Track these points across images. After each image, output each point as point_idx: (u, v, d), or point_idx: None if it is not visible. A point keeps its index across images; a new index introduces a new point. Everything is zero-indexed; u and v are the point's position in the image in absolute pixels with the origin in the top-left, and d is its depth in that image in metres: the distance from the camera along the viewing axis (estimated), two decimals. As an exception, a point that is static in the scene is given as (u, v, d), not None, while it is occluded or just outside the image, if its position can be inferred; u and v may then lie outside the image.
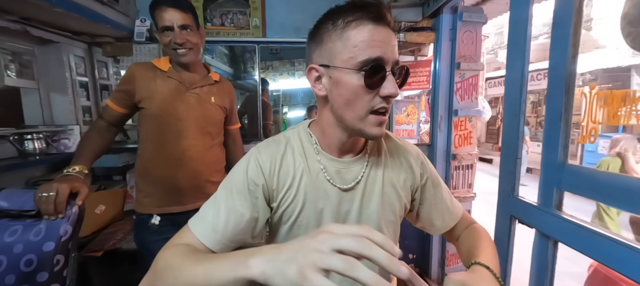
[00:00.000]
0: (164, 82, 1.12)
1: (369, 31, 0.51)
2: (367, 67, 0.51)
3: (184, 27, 1.07)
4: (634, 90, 0.84)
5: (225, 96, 1.27)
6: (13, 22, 1.51)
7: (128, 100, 1.12)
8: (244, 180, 0.60)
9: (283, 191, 0.61)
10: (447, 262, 1.95)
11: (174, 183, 1.13)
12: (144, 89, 1.11)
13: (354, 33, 0.51)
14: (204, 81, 1.20)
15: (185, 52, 1.10)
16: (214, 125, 1.22)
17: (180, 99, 1.13)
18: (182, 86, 1.14)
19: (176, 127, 1.12)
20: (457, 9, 1.77)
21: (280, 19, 2.16)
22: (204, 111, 1.17)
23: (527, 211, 1.03)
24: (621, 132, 4.92)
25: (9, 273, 0.80)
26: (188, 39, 1.09)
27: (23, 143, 1.66)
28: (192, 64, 1.16)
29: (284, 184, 0.61)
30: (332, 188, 0.62)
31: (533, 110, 7.89)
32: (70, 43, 1.91)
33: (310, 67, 0.57)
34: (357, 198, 0.63)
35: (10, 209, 0.87)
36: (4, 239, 0.82)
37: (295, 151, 0.63)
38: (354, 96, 0.53)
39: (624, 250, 0.71)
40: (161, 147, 1.12)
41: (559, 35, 0.89)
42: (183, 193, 1.15)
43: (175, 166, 1.12)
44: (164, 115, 1.11)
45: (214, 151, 1.24)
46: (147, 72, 1.12)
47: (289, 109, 3.95)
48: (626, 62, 5.53)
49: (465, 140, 1.89)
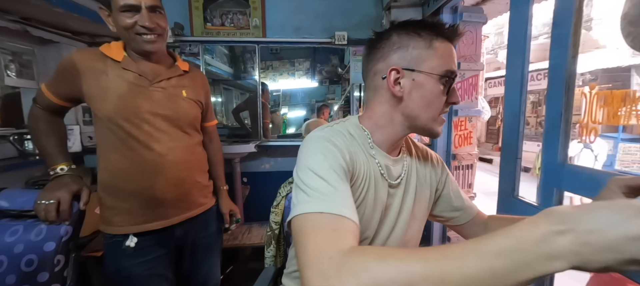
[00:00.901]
0: (119, 75, 0.90)
1: (450, 48, 0.61)
2: (448, 77, 0.60)
3: (154, 9, 0.88)
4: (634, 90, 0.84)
5: (199, 88, 1.07)
6: (13, 22, 1.51)
7: (69, 94, 0.92)
8: (333, 159, 0.55)
9: (354, 178, 0.61)
10: (447, 262, 1.95)
11: (152, 195, 0.93)
12: (93, 85, 0.88)
13: (441, 46, 0.60)
14: (170, 72, 0.98)
15: (155, 39, 0.90)
16: (191, 123, 1.02)
17: (143, 96, 0.91)
18: (143, 80, 0.92)
19: (144, 130, 0.91)
20: (457, 9, 1.77)
21: (280, 19, 2.16)
22: (175, 108, 0.96)
23: (527, 212, 1.03)
24: (621, 132, 4.93)
25: (9, 273, 0.80)
26: (159, 23, 0.90)
27: (23, 143, 1.66)
28: (155, 53, 0.94)
29: (355, 171, 0.61)
30: (384, 182, 0.66)
31: (533, 110, 7.89)
32: (70, 43, 1.91)
33: (392, 68, 0.61)
34: (399, 194, 0.69)
35: (10, 210, 0.87)
36: (5, 239, 0.82)
37: (355, 141, 0.64)
38: (434, 98, 0.61)
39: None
40: (129, 156, 0.91)
41: (559, 35, 0.89)
42: (166, 206, 0.96)
43: (152, 176, 0.92)
44: (123, 117, 0.89)
45: (196, 152, 1.06)
46: (95, 63, 0.89)
47: (289, 109, 3.95)
48: (626, 62, 5.53)
49: (465, 140, 1.90)
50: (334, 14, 2.17)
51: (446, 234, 1.92)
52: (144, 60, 0.95)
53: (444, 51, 0.60)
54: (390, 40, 0.62)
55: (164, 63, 1.00)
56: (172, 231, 1.00)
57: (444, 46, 0.60)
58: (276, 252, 1.00)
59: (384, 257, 0.36)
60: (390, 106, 0.64)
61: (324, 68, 3.75)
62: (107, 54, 0.91)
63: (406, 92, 0.61)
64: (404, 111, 0.63)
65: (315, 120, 3.56)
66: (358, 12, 2.18)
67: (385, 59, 0.63)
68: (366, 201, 0.63)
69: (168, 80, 0.97)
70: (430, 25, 0.61)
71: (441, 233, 1.94)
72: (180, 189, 0.98)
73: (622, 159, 4.78)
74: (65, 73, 0.89)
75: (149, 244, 0.96)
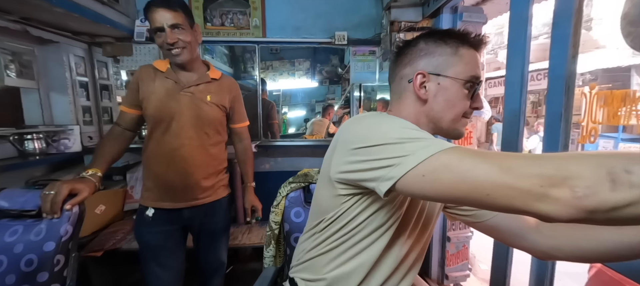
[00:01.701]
0: (162, 82, 1.14)
1: (475, 56, 0.65)
2: (472, 82, 0.64)
3: (174, 27, 1.05)
4: (634, 90, 0.84)
5: (225, 94, 1.24)
6: (13, 22, 1.51)
7: (134, 101, 1.17)
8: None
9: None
10: (447, 262, 1.95)
11: (166, 180, 1.16)
12: (145, 90, 1.14)
13: (467, 53, 0.64)
14: (200, 80, 1.18)
15: (179, 52, 1.09)
16: (211, 124, 1.20)
17: (174, 99, 1.13)
18: (177, 86, 1.14)
19: (169, 126, 1.13)
20: (457, 9, 1.77)
21: (280, 19, 2.15)
22: (197, 110, 1.15)
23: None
24: (621, 132, 4.93)
25: (9, 273, 0.80)
26: (180, 38, 1.07)
27: (23, 143, 1.66)
28: (188, 63, 1.14)
29: None
30: None
31: (533, 110, 7.89)
32: (70, 43, 1.91)
33: (418, 73, 0.65)
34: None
35: (10, 209, 0.87)
36: (5, 239, 0.82)
37: None
38: (458, 101, 0.65)
39: (624, 250, 0.71)
40: (158, 145, 1.15)
41: (559, 35, 0.89)
42: (175, 191, 1.17)
43: (167, 164, 1.15)
44: (157, 115, 1.13)
45: (210, 152, 1.21)
46: (149, 74, 1.16)
47: (289, 109, 3.95)
48: (626, 62, 5.53)
49: (465, 140, 1.90)
50: (334, 14, 2.17)
51: (446, 234, 1.91)
52: (180, 70, 1.16)
53: (470, 58, 0.64)
54: (418, 47, 0.67)
55: (197, 71, 1.19)
56: (180, 212, 1.19)
57: (470, 53, 0.64)
58: (276, 252, 1.00)
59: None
60: (415, 108, 0.68)
61: (324, 68, 3.75)
62: (157, 67, 1.16)
63: (431, 95, 0.65)
64: (429, 113, 0.67)
65: (320, 119, 3.56)
66: (358, 12, 2.18)
67: (412, 64, 0.67)
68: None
69: (197, 86, 1.16)
70: (457, 34, 0.65)
71: (441, 234, 1.94)
72: (187, 180, 1.16)
73: (622, 159, 4.77)
74: (133, 83, 1.17)
75: (162, 218, 1.18)
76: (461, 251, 1.96)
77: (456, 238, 1.92)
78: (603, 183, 0.33)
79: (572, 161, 0.36)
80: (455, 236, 1.91)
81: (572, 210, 0.35)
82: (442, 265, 1.98)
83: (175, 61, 1.12)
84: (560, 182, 0.35)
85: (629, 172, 0.32)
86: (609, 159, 0.34)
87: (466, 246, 1.96)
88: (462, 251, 1.96)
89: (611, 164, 0.33)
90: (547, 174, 0.36)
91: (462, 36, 0.64)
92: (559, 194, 0.35)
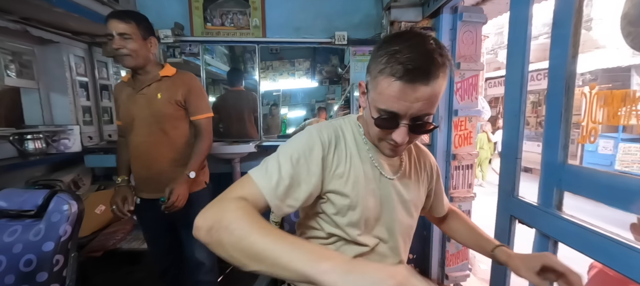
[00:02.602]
0: (125, 91, 1.30)
1: (394, 88, 0.55)
2: (381, 116, 0.60)
3: (121, 35, 1.16)
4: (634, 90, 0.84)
5: (177, 89, 1.27)
6: (13, 22, 1.51)
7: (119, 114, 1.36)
8: (305, 150, 0.64)
9: (338, 170, 0.67)
10: (447, 262, 1.95)
11: (138, 174, 1.34)
12: (118, 103, 1.33)
13: (383, 82, 0.57)
14: (151, 80, 1.27)
15: (123, 57, 1.19)
16: (166, 120, 1.27)
17: (133, 102, 1.27)
18: (134, 90, 1.27)
19: (132, 126, 1.28)
20: (457, 9, 1.77)
21: (280, 19, 2.15)
22: (151, 109, 1.25)
23: (527, 211, 1.03)
24: (621, 132, 4.92)
25: (8, 273, 0.80)
26: (124, 45, 1.16)
27: (23, 143, 1.66)
28: (140, 68, 1.24)
29: (338, 164, 0.67)
30: (379, 175, 0.71)
31: (533, 110, 7.88)
32: (70, 43, 1.91)
33: (361, 82, 0.66)
34: (397, 187, 0.73)
35: (9, 209, 0.87)
36: (4, 239, 0.82)
37: (347, 137, 0.71)
38: (371, 125, 0.63)
39: (625, 250, 0.71)
40: (130, 144, 1.32)
41: (559, 35, 0.88)
42: (146, 183, 1.32)
43: (135, 160, 1.32)
44: (124, 119, 1.30)
45: (170, 145, 1.30)
46: (119, 88, 1.34)
47: (289, 109, 3.94)
48: (626, 62, 5.52)
49: (465, 140, 1.89)
50: (334, 14, 2.17)
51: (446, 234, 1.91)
52: (137, 76, 1.28)
53: (385, 88, 0.56)
54: (373, 52, 0.62)
55: (150, 73, 1.28)
56: (156, 202, 1.27)
57: (386, 83, 0.56)
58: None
59: (239, 216, 0.52)
60: (365, 112, 0.68)
61: (324, 68, 3.75)
62: (123, 80, 1.34)
63: (364, 106, 0.67)
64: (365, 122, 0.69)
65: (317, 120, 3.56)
66: (358, 12, 2.18)
67: (368, 68, 0.64)
68: (355, 189, 0.67)
69: (148, 87, 1.26)
70: (388, 55, 0.55)
71: (441, 234, 1.94)
72: (149, 173, 1.30)
73: (622, 159, 4.78)
74: (114, 100, 1.39)
75: (144, 207, 1.35)
76: (461, 251, 1.96)
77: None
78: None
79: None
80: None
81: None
82: (442, 265, 1.98)
83: (123, 65, 1.22)
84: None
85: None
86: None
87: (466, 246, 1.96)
88: (462, 251, 1.96)
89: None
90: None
91: (389, 61, 0.55)
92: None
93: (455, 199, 1.86)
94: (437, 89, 0.56)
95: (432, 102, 0.57)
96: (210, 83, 3.16)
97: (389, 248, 0.74)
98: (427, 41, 0.55)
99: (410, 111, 0.56)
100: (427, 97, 0.55)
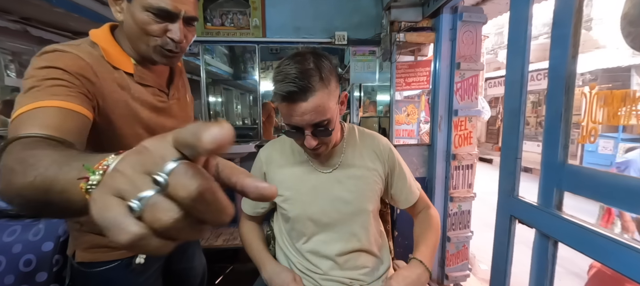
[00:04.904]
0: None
1: (284, 108, 0.69)
2: (290, 129, 0.74)
3: (191, 21, 0.68)
4: (634, 90, 0.84)
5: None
6: (13, 22, 1.51)
7: None
8: (253, 170, 0.89)
9: (277, 178, 0.84)
10: (447, 262, 1.95)
11: None
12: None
13: (278, 104, 0.70)
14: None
15: (174, 55, 0.69)
16: None
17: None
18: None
19: None
20: (457, 9, 1.77)
21: (280, 19, 2.15)
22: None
23: (527, 211, 1.03)
24: (621, 132, 4.92)
25: (8, 273, 0.80)
26: (187, 37, 0.69)
27: (23, 143, 1.66)
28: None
29: (276, 173, 0.85)
30: (315, 172, 0.82)
31: (533, 110, 7.88)
32: (70, 43, 1.91)
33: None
34: (338, 179, 0.81)
35: (9, 209, 0.87)
36: (3, 239, 0.82)
37: (286, 146, 0.86)
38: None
39: (625, 250, 0.70)
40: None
41: (559, 35, 0.88)
42: None
43: None
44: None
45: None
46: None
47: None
48: (626, 62, 5.52)
49: (465, 140, 1.89)
50: (334, 14, 2.17)
51: (446, 234, 1.91)
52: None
53: (281, 108, 0.70)
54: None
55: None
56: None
57: (279, 104, 0.70)
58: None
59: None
60: None
61: (324, 68, 3.75)
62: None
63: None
64: None
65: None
66: (358, 12, 2.18)
67: None
68: (292, 194, 0.82)
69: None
70: (274, 81, 0.67)
71: (441, 234, 1.94)
72: None
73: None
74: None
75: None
76: (461, 251, 1.96)
77: (456, 238, 1.92)
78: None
79: None
80: (455, 236, 1.91)
81: None
82: (442, 265, 1.98)
83: (163, 63, 0.71)
84: None
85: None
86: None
87: (466, 246, 1.96)
88: (462, 251, 1.96)
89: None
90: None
91: (274, 84, 0.68)
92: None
93: (455, 199, 1.86)
94: (320, 101, 0.65)
95: (320, 111, 0.66)
96: (210, 83, 3.16)
97: (337, 233, 0.81)
98: (304, 62, 0.65)
99: (304, 122, 0.67)
100: (312, 110, 0.65)
